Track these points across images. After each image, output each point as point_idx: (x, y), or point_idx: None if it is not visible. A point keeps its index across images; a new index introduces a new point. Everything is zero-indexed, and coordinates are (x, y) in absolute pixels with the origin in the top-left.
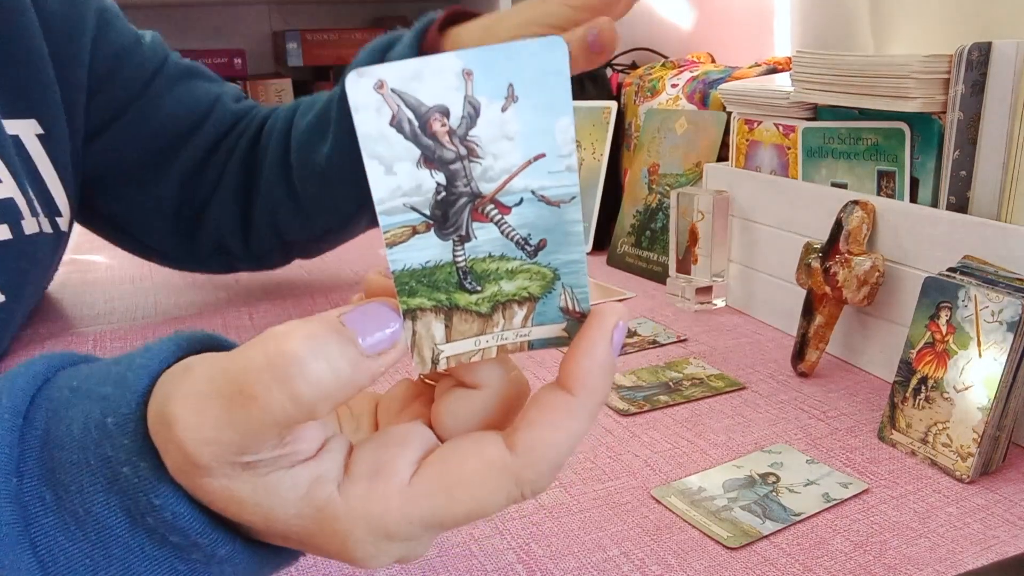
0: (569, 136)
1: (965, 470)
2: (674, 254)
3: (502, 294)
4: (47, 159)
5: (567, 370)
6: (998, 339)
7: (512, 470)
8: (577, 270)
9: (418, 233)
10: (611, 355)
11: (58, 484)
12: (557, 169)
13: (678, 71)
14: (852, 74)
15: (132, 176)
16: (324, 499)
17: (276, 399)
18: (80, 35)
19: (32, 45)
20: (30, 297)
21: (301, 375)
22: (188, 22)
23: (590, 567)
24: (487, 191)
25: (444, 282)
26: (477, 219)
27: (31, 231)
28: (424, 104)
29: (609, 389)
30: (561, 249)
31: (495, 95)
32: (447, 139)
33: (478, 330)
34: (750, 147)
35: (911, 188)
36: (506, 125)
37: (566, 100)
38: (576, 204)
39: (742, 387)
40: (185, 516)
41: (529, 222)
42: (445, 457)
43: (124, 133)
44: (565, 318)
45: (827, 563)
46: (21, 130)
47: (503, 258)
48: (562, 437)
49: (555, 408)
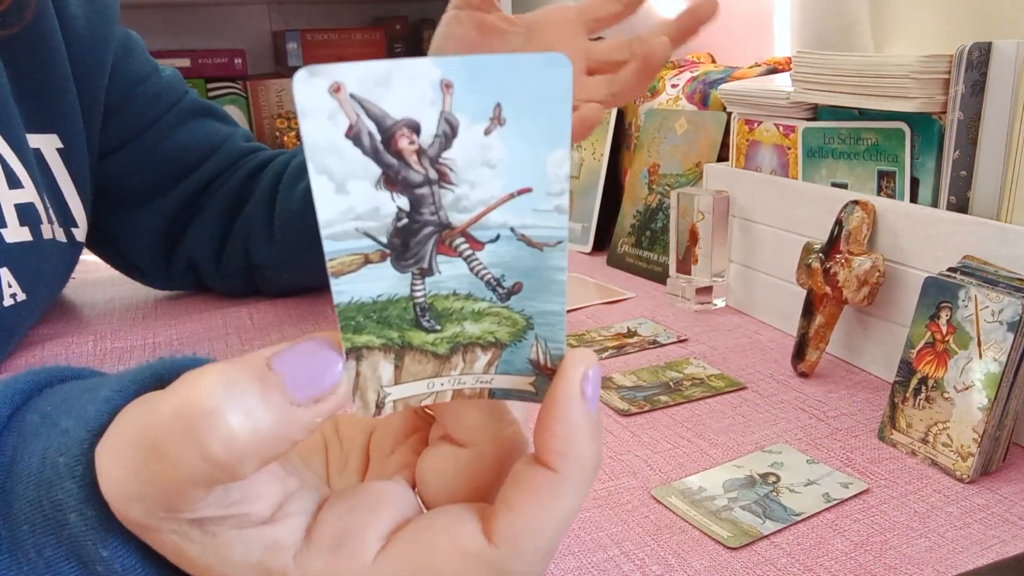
0: (563, 172)
1: (965, 470)
2: (674, 254)
3: (464, 336)
4: (66, 172)
5: (542, 442)
6: (998, 339)
7: (492, 563)
8: (554, 323)
9: (371, 263)
10: (589, 414)
11: (14, 520)
12: (544, 208)
13: (678, 71)
14: (852, 74)
15: (131, 198)
16: (279, 569)
17: (186, 457)
18: (103, 59)
19: (57, 65)
20: (44, 300)
21: (211, 431)
22: (188, 22)
23: (590, 567)
24: (458, 222)
25: (397, 319)
26: (443, 252)
27: (49, 236)
28: (390, 116)
29: (598, 453)
30: (539, 297)
31: (478, 114)
32: (414, 159)
33: (432, 372)
34: (750, 147)
35: (911, 188)
36: (488, 151)
37: (564, 129)
38: (562, 250)
39: (742, 387)
40: (136, 568)
41: (504, 262)
42: (415, 536)
43: (132, 158)
44: (534, 372)
45: (827, 563)
46: (42, 144)
47: (470, 297)
48: (549, 522)
49: (537, 488)
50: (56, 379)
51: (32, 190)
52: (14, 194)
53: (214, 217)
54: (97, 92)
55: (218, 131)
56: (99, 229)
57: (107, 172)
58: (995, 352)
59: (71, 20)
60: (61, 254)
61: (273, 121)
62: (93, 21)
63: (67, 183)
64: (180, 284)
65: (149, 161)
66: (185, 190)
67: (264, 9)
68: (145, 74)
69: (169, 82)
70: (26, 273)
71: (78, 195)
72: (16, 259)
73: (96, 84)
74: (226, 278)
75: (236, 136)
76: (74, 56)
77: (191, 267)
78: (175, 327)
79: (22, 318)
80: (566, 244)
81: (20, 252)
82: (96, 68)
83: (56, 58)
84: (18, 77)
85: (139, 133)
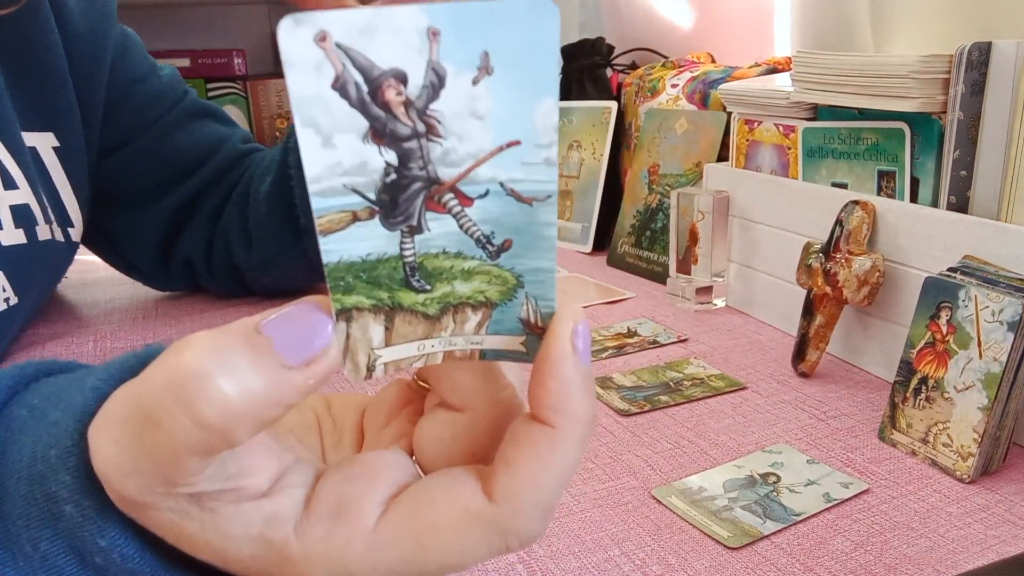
0: (551, 123)
1: (965, 470)
2: (674, 254)
3: (454, 296)
4: (62, 171)
5: (536, 399)
6: (998, 339)
7: (492, 520)
8: (544, 280)
9: (359, 220)
10: (581, 367)
11: (7, 516)
12: (533, 161)
13: (678, 71)
14: (852, 74)
15: (130, 198)
16: (280, 541)
17: (180, 424)
18: (101, 58)
19: (54, 63)
20: (36, 300)
21: (203, 395)
22: (188, 22)
23: (590, 567)
24: (447, 177)
25: (387, 278)
26: (432, 209)
27: (44, 237)
28: (377, 66)
29: (593, 407)
30: (529, 253)
31: (466, 64)
32: (402, 111)
33: (423, 333)
34: (750, 147)
35: (911, 188)
36: (476, 102)
37: (552, 79)
38: (552, 204)
39: (742, 387)
40: (135, 558)
41: (494, 218)
42: (415, 500)
43: (132, 158)
44: (525, 331)
45: (827, 563)
46: (38, 142)
47: (459, 256)
48: (547, 477)
49: (535, 444)
50: (42, 373)
51: (28, 191)
52: (9, 195)
53: (206, 219)
54: (95, 90)
55: (217, 132)
56: (98, 228)
57: (106, 172)
58: (995, 352)
59: (68, 18)
60: (56, 254)
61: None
62: (91, 19)
63: (63, 182)
64: (178, 284)
65: (149, 161)
66: (184, 191)
67: (264, 9)
68: (143, 73)
69: (168, 82)
70: (20, 276)
71: (75, 195)
72: (11, 262)
73: (94, 82)
74: (216, 279)
75: (235, 137)
76: (71, 54)
77: (188, 267)
78: (175, 327)
79: (13, 321)
80: (555, 198)
81: (15, 255)
82: (94, 66)
83: (52, 55)
84: (13, 75)
85: (139, 133)
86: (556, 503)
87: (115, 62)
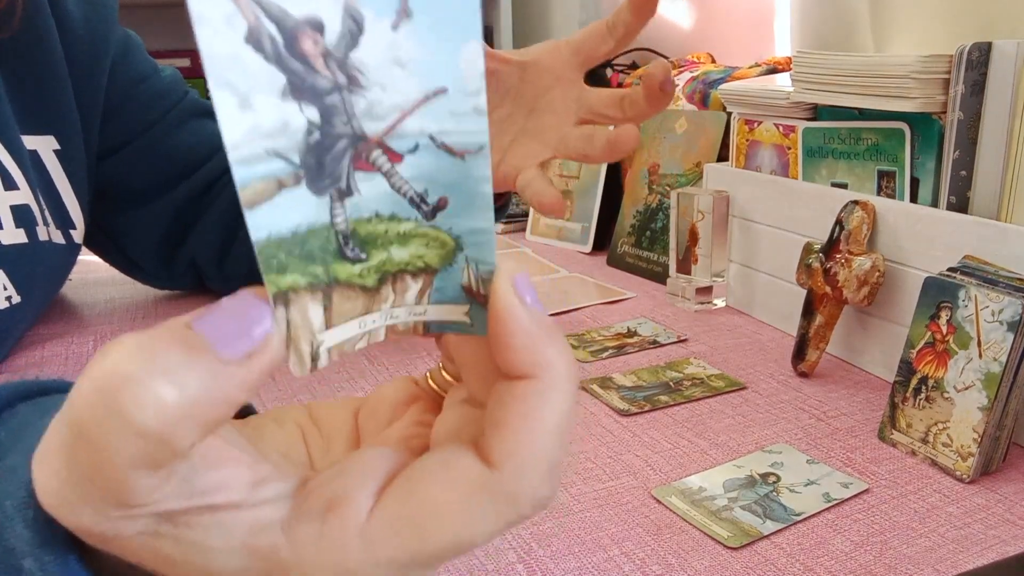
0: (477, 68)
1: (965, 470)
2: (674, 254)
3: (392, 263)
4: (63, 174)
5: (507, 361)
6: (998, 339)
7: (496, 487)
8: (483, 241)
9: (285, 187)
10: (537, 315)
11: None
12: (462, 110)
13: (678, 71)
14: (852, 74)
15: (133, 198)
16: (267, 549)
17: (115, 436)
18: (101, 60)
19: (54, 66)
20: (40, 301)
21: (134, 399)
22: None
23: (590, 567)
24: (373, 132)
25: (320, 250)
26: (361, 168)
27: (44, 238)
28: (291, 15)
29: (568, 352)
30: (465, 213)
31: (384, 8)
32: (321, 63)
33: (363, 309)
34: (750, 147)
35: (911, 188)
36: (397, 48)
37: (474, 21)
38: (484, 156)
39: (742, 387)
40: None
41: (426, 174)
42: (408, 482)
43: (134, 157)
44: (468, 299)
45: (827, 563)
46: (39, 145)
47: (393, 218)
48: (543, 429)
49: (523, 398)
50: (19, 397)
51: (27, 192)
52: (9, 196)
53: (218, 220)
54: (95, 93)
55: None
56: (101, 228)
57: (108, 172)
58: (995, 352)
59: (68, 20)
60: (58, 256)
61: None
62: (91, 21)
63: (64, 185)
64: (181, 284)
65: (150, 161)
66: (187, 190)
67: None
68: (145, 74)
69: (169, 82)
70: (21, 275)
71: (76, 197)
72: (11, 261)
73: (94, 85)
74: (229, 281)
75: None
76: (71, 57)
77: (193, 268)
78: None
79: (17, 320)
80: (487, 150)
81: (15, 254)
82: (94, 68)
83: (52, 59)
84: (13, 78)
85: (140, 133)
86: (560, 460)
87: (117, 63)
